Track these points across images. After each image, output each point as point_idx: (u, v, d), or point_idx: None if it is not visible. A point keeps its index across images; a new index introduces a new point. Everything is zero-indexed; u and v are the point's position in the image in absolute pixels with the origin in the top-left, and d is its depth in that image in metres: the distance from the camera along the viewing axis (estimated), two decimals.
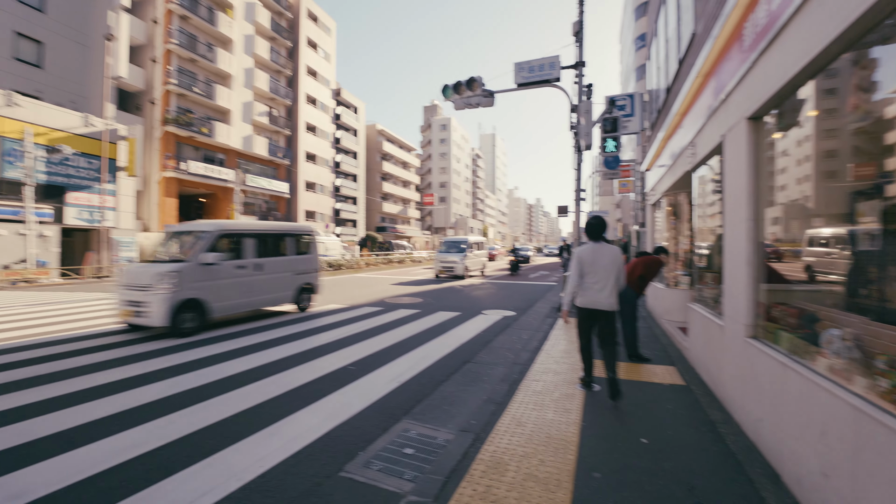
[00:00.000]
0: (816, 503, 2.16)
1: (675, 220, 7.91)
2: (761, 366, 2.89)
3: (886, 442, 1.66)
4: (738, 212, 3.35)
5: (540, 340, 6.31)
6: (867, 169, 2.74)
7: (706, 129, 4.49)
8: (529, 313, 9.00)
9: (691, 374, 4.64)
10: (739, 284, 3.28)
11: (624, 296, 5.34)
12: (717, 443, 3.08)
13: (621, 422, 3.43)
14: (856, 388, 2.00)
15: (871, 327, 2.20)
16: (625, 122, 10.99)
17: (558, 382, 4.41)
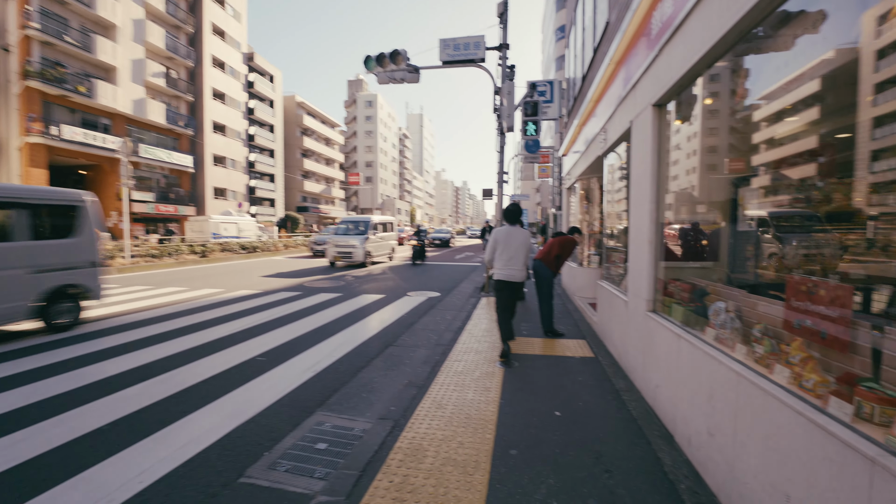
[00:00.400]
0: (703, 459, 2.38)
1: (588, 204, 8.41)
2: (659, 337, 3.13)
3: (761, 403, 1.83)
4: (642, 194, 3.55)
5: (463, 321, 6.36)
6: (739, 163, 3.26)
7: (616, 115, 4.72)
8: (454, 294, 9.07)
9: (600, 347, 4.98)
10: (642, 262, 3.51)
11: (540, 275, 5.55)
12: (620, 410, 3.31)
13: (537, 396, 3.55)
14: (737, 354, 2.20)
15: (748, 299, 2.45)
16: (545, 108, 11.37)
17: (479, 361, 4.45)
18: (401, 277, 12.04)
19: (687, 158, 3.64)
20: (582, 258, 8.08)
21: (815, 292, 1.87)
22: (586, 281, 7.33)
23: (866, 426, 1.40)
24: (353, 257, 14.66)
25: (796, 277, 2.00)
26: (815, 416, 1.51)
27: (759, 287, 2.54)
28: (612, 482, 2.37)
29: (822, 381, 1.65)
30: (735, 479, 2.02)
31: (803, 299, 1.94)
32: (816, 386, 1.65)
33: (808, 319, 1.91)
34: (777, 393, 1.74)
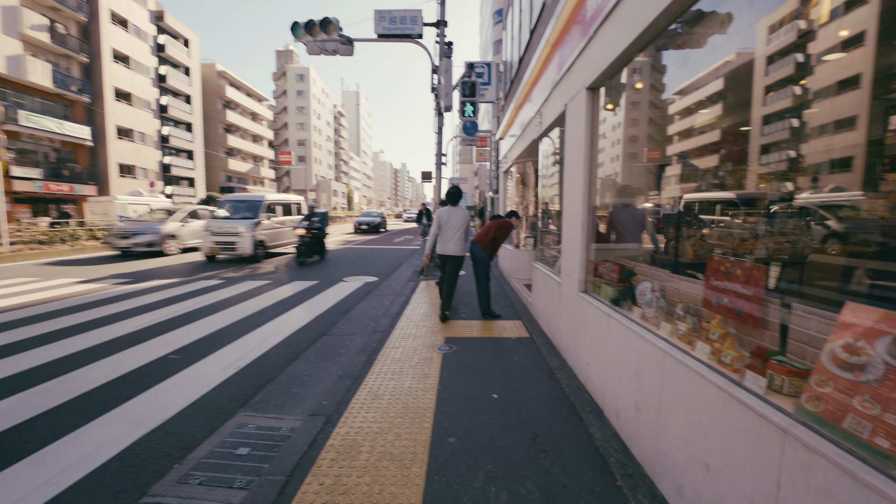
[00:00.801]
0: (631, 433, 2.49)
1: (524, 188, 8.57)
2: (590, 317, 3.23)
3: (684, 378, 1.92)
4: (575, 178, 3.60)
5: (401, 305, 6.22)
6: (656, 153, 3.57)
7: (552, 98, 4.75)
8: (392, 278, 8.88)
9: (535, 327, 5.11)
10: (574, 245, 3.59)
11: (477, 257, 5.54)
12: (554, 388, 3.40)
13: (475, 380, 3.53)
14: (662, 332, 2.30)
15: (672, 279, 2.56)
16: (482, 90, 11.32)
17: (418, 347, 4.36)
18: (330, 263, 11.55)
19: (612, 147, 3.93)
20: (518, 241, 8.25)
21: (732, 272, 1.97)
22: (522, 263, 7.51)
23: (778, 397, 1.49)
24: (237, 249, 11.10)
25: (715, 258, 2.10)
26: (732, 390, 1.59)
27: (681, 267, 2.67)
28: (548, 461, 2.40)
29: (739, 356, 1.74)
30: (660, 450, 2.12)
31: (721, 278, 2.05)
32: (734, 361, 1.74)
33: (725, 297, 2.01)
34: (698, 368, 1.82)
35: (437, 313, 5.75)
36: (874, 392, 1.17)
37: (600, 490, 2.16)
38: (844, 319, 1.33)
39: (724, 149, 3.44)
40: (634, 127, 3.81)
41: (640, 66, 3.49)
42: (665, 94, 3.23)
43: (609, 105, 3.37)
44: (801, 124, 3.44)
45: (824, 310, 1.53)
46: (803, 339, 1.60)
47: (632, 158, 3.77)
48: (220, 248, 11.28)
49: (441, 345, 4.43)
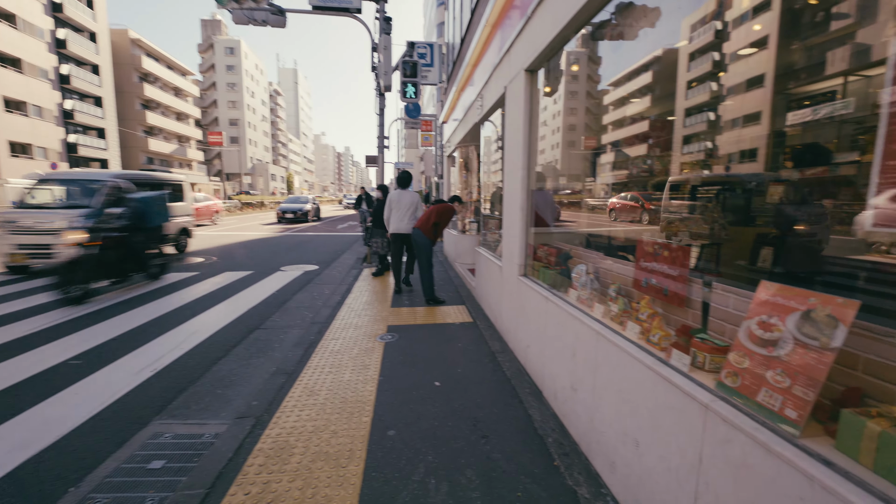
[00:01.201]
0: (567, 412, 2.55)
1: (467, 173, 8.54)
2: (529, 300, 3.25)
3: (616, 358, 1.96)
4: (515, 161, 3.58)
5: (343, 294, 5.98)
6: (592, 141, 3.74)
7: (492, 81, 4.68)
8: (334, 266, 8.53)
9: (478, 311, 5.13)
10: (514, 229, 3.59)
11: (419, 243, 5.43)
12: (496, 371, 3.42)
13: (417, 368, 3.46)
14: (596, 313, 2.34)
15: (605, 261, 2.62)
16: (424, 72, 11.05)
17: (359, 337, 4.20)
18: (268, 251, 10.90)
19: (552, 134, 4.06)
20: (463, 226, 8.24)
21: (659, 253, 2.03)
22: (466, 248, 7.52)
23: (700, 374, 1.55)
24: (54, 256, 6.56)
25: (644, 240, 2.16)
26: (660, 369, 1.63)
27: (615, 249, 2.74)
28: (489, 447, 2.39)
29: (666, 335, 1.79)
30: (594, 428, 2.18)
31: (649, 259, 2.10)
32: (661, 340, 1.79)
33: (653, 278, 2.07)
34: (629, 348, 1.86)
35: (379, 302, 5.60)
36: (784, 366, 1.22)
37: (539, 471, 2.19)
38: (759, 297, 1.38)
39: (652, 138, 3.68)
40: (573, 116, 3.97)
41: (578, 56, 3.63)
42: (601, 85, 3.36)
43: (547, 88, 3.36)
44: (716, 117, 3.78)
45: (743, 288, 1.60)
46: (723, 317, 1.68)
47: (570, 146, 3.90)
48: (26, 257, 6.89)
49: (383, 334, 4.31)
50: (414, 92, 7.95)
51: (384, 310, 5.20)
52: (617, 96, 3.71)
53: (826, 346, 1.14)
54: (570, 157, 3.97)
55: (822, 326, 1.17)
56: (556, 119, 4.06)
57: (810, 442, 1.12)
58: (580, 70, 3.77)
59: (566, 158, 4.01)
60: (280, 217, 21.38)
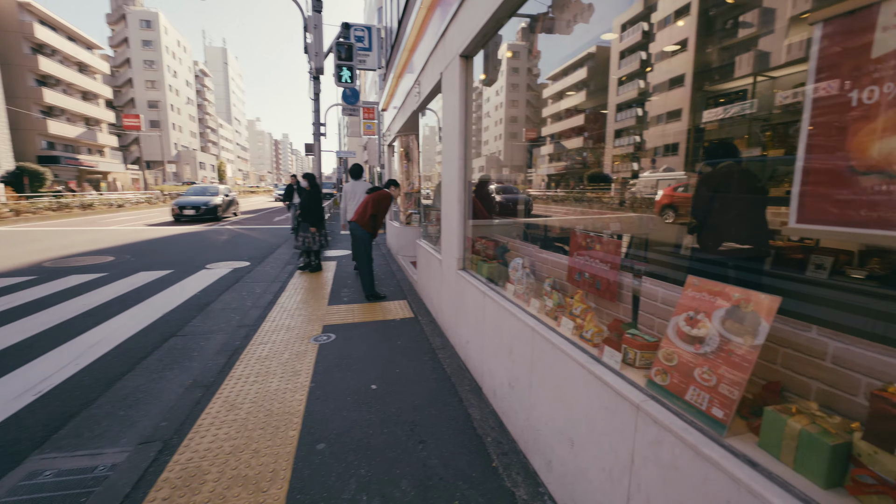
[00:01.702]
0: (505, 409, 2.49)
1: (408, 163, 8.31)
2: (468, 294, 3.16)
3: (550, 356, 1.90)
4: (452, 150, 3.45)
5: (275, 293, 5.57)
6: (533, 133, 3.75)
7: (429, 66, 4.49)
8: (267, 262, 7.97)
9: (420, 306, 5.00)
10: (452, 221, 3.47)
11: (357, 236, 5.17)
12: (436, 369, 3.31)
13: (353, 371, 3.26)
14: (531, 309, 2.29)
15: (540, 255, 2.57)
16: (363, 56, 10.57)
17: (291, 340, 3.90)
18: (192, 247, 10.00)
19: (495, 126, 4.05)
20: (404, 217, 8.04)
21: (592, 246, 1.99)
22: (408, 240, 7.34)
23: (631, 371, 1.52)
24: None
25: (578, 232, 2.12)
26: (592, 367, 1.58)
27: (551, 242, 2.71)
28: (426, 453, 2.27)
29: (598, 331, 1.76)
30: (531, 426, 2.13)
31: (582, 253, 2.07)
32: (594, 336, 1.76)
33: (586, 272, 2.04)
34: (563, 346, 1.81)
35: (315, 300, 5.28)
36: (711, 363, 1.20)
37: (477, 475, 2.11)
38: (687, 293, 1.36)
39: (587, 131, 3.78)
40: (514, 108, 4.02)
41: (518, 49, 3.64)
42: (540, 79, 3.40)
43: (483, 75, 3.24)
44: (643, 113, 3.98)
45: (671, 282, 1.58)
46: (652, 311, 1.66)
47: (513, 138, 3.91)
48: None
49: (318, 335, 4.04)
50: (350, 76, 7.53)
51: (320, 308, 4.90)
52: (555, 90, 3.78)
53: (749, 344, 1.12)
54: (513, 148, 3.97)
55: (746, 323, 1.15)
56: (498, 111, 4.09)
57: (736, 441, 1.10)
58: (520, 63, 3.80)
59: (509, 150, 4.01)
60: (177, 215, 15.48)
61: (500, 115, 4.11)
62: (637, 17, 3.67)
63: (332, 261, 7.93)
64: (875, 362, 0.98)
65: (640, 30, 3.69)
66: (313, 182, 6.47)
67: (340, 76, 7.38)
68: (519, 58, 4.00)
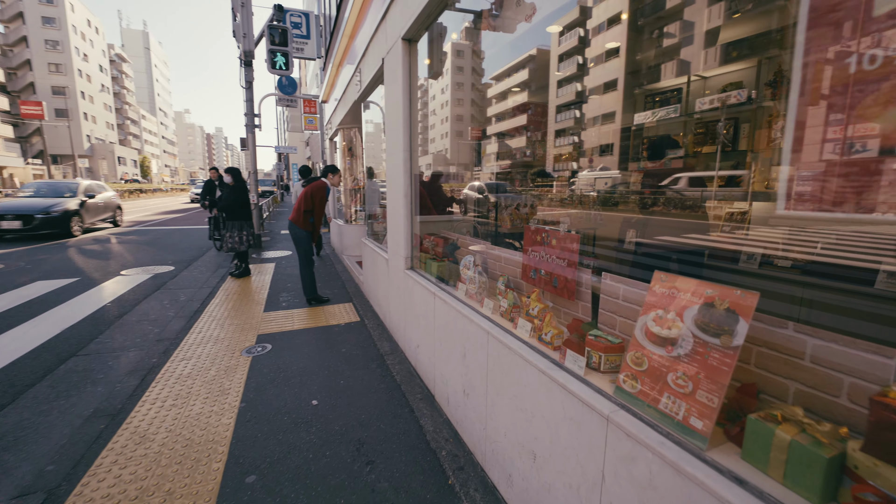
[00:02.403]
0: (460, 418, 2.32)
1: (352, 158, 7.91)
2: (417, 295, 2.95)
3: (508, 361, 1.74)
4: (396, 141, 3.21)
5: (203, 300, 5.01)
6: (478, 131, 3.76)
7: (370, 52, 4.20)
8: (196, 265, 7.23)
9: (366, 308, 4.71)
10: (398, 217, 3.24)
11: (295, 237, 4.77)
12: (384, 377, 3.07)
13: (292, 385, 2.93)
14: (485, 310, 2.12)
15: (492, 252, 2.42)
16: (300, 44, 9.96)
17: (219, 353, 3.46)
18: (106, 251, 8.89)
19: (441, 124, 4.11)
20: (349, 215, 7.64)
21: (547, 241, 1.86)
22: (352, 238, 6.97)
23: (597, 376, 1.39)
24: None
25: (531, 227, 1.98)
26: (554, 374, 1.44)
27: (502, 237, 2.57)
28: (374, 476, 2.04)
29: (558, 333, 1.62)
30: (488, 437, 1.97)
31: (538, 249, 1.93)
32: (553, 339, 1.62)
33: (542, 269, 1.90)
34: (521, 350, 1.66)
35: (250, 306, 4.81)
36: (685, 368, 1.09)
37: (432, 496, 1.91)
38: (654, 289, 1.25)
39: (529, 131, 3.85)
40: (459, 106, 4.10)
41: (463, 49, 3.67)
42: (484, 79, 3.47)
43: (427, 60, 3.03)
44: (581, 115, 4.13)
45: (634, 278, 1.47)
46: (613, 309, 1.55)
47: (458, 136, 3.94)
48: None
49: (251, 346, 3.63)
50: (285, 63, 6.97)
51: (255, 316, 4.45)
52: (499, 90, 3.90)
53: (727, 345, 1.02)
54: (459, 146, 3.95)
55: (722, 322, 1.04)
56: (444, 109, 4.12)
57: (718, 454, 0.99)
58: (464, 62, 3.90)
59: (455, 148, 3.98)
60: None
61: (446, 114, 4.08)
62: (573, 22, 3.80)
63: (271, 262, 7.36)
64: (859, 361, 0.91)
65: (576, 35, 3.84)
66: (238, 177, 5.91)
67: (274, 62, 6.80)
68: (463, 57, 4.07)
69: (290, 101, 9.70)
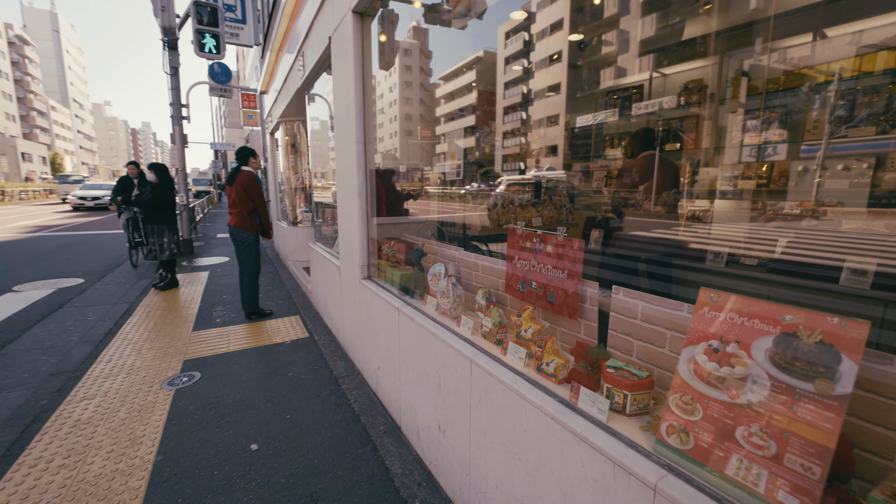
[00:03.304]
0: (434, 457, 1.96)
1: (296, 155, 7.25)
2: (376, 310, 2.55)
3: (501, 399, 1.41)
4: (348, 132, 2.78)
5: (117, 319, 4.24)
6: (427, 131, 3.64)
7: (315, 31, 3.71)
8: (113, 276, 6.25)
9: (316, 321, 4.20)
10: (352, 220, 2.81)
11: (239, 241, 4.15)
12: (340, 407, 2.63)
13: (224, 427, 2.42)
14: (463, 330, 1.78)
15: (468, 259, 2.08)
16: (235, 29, 9.10)
17: (133, 388, 2.84)
18: (18, 258, 7.54)
19: (390, 123, 4.08)
20: (293, 216, 6.99)
21: (541, 248, 1.55)
22: (298, 242, 6.36)
23: (622, 421, 1.09)
24: None
25: (518, 231, 1.66)
26: (569, 421, 1.13)
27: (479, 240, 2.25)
28: None
29: (563, 363, 1.31)
30: (473, 485, 1.63)
31: (527, 256, 1.62)
32: (559, 370, 1.30)
33: (533, 280, 1.59)
34: (517, 385, 1.33)
35: (176, 324, 4.13)
36: (763, 422, 0.81)
37: None
38: (702, 313, 0.96)
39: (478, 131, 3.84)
40: (408, 106, 4.11)
41: (411, 47, 3.58)
42: (433, 79, 3.40)
43: (383, 36, 2.63)
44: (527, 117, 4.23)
45: None
46: (627, 330, 1.27)
47: (408, 136, 3.84)
48: None
49: (175, 375, 3.03)
50: (215, 46, 6.19)
51: (182, 336, 3.80)
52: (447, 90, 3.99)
53: (826, 393, 0.75)
54: (409, 146, 3.81)
55: (814, 359, 0.77)
56: (392, 108, 4.07)
57: None
58: (412, 62, 3.94)
59: (405, 147, 3.84)
60: None
61: (395, 112, 3.91)
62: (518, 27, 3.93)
63: (204, 270, 6.55)
64: None
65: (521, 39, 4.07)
66: (165, 174, 5.14)
67: (203, 44, 6.00)
68: (411, 56, 4.03)
69: (225, 91, 8.77)
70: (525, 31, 5.53)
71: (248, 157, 4.05)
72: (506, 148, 4.42)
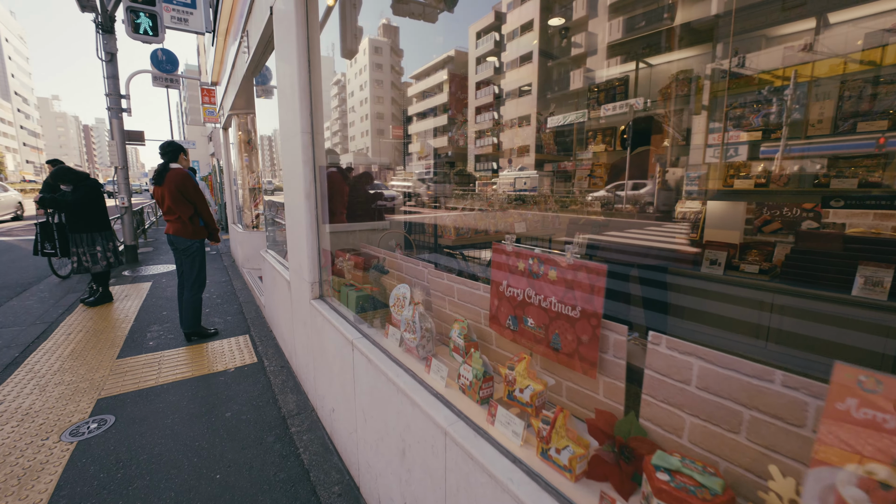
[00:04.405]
0: None
1: (250, 152, 6.59)
2: (329, 339, 2.07)
3: (486, 492, 0.97)
4: (293, 120, 2.27)
5: (28, 344, 3.56)
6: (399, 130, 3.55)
7: (256, 5, 3.16)
8: (35, 291, 5.44)
9: (268, 342, 3.65)
10: (299, 226, 2.31)
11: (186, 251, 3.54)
12: (285, 460, 2.13)
13: (133, 495, 1.88)
14: (434, 380, 1.33)
15: (440, 280, 1.63)
16: (184, 14, 8.28)
17: (22, 441, 2.25)
18: None
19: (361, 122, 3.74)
20: (250, 220, 6.35)
21: (541, 273, 1.12)
22: (254, 248, 5.75)
23: None
24: None
25: (507, 247, 1.23)
26: None
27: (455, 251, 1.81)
28: None
29: (582, 453, 0.88)
30: None
31: (521, 283, 1.19)
32: (574, 463, 0.88)
33: (529, 317, 1.16)
34: (517, 489, 0.90)
35: (98, 350, 3.49)
36: None
37: None
38: (844, 408, 0.55)
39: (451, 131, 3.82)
40: (380, 104, 3.85)
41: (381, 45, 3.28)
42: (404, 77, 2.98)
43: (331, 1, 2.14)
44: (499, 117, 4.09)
45: None
46: (672, 399, 0.85)
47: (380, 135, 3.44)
48: None
49: (81, 421, 2.45)
50: (151, 27, 5.47)
51: (102, 365, 3.18)
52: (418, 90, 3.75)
53: None
54: (381, 145, 3.41)
55: None
56: (363, 106, 3.78)
57: None
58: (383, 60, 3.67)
59: (377, 146, 3.44)
60: None
61: (366, 111, 3.54)
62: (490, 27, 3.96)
63: (147, 281, 5.82)
64: None
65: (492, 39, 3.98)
66: (81, 181, 4.43)
67: (137, 24, 5.27)
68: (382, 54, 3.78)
69: (170, 81, 7.93)
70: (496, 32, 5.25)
71: (179, 154, 3.44)
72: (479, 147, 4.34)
